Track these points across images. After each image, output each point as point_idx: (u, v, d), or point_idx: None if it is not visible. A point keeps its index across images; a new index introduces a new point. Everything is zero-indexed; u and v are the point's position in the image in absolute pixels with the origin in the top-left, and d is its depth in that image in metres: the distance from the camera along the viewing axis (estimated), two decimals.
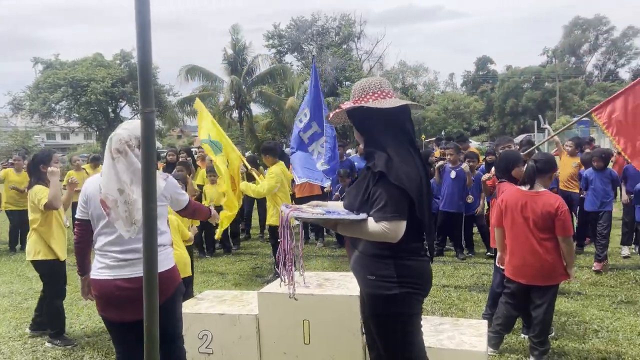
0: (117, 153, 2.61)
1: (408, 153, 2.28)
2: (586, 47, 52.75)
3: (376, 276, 2.28)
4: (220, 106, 29.96)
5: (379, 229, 2.18)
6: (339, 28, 33.01)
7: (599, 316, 4.62)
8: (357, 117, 2.38)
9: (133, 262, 2.64)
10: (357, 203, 2.32)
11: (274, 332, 3.64)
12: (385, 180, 2.19)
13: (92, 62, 31.27)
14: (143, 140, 1.53)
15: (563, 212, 3.58)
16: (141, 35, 1.43)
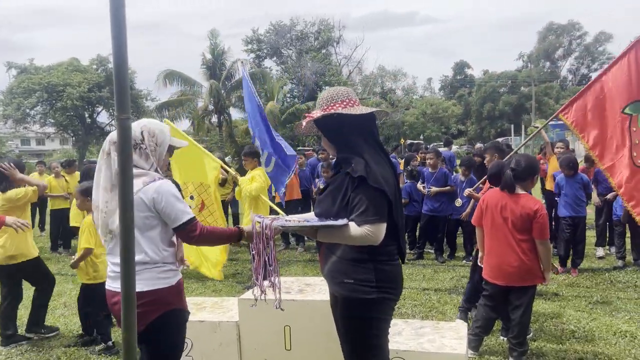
0: (105, 154, 2.47)
1: (380, 157, 2.34)
2: (560, 52, 53.83)
3: (354, 280, 2.31)
4: (199, 111, 29.78)
5: (361, 233, 2.20)
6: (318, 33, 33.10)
7: (575, 317, 4.70)
8: (328, 125, 2.41)
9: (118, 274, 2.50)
10: (335, 209, 2.33)
11: (255, 339, 3.61)
12: (365, 185, 2.21)
13: (68, 66, 30.81)
14: (119, 148, 1.50)
15: (542, 216, 3.62)
16: (117, 40, 1.41)
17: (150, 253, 2.44)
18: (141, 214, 2.42)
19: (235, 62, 31.17)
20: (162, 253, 2.49)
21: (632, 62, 4.66)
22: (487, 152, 5.72)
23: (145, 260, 2.44)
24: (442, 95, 57.05)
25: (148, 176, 2.48)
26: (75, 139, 34.10)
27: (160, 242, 2.49)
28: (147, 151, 2.52)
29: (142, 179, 2.46)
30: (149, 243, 2.45)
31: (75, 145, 34.92)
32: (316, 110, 2.45)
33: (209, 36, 31.39)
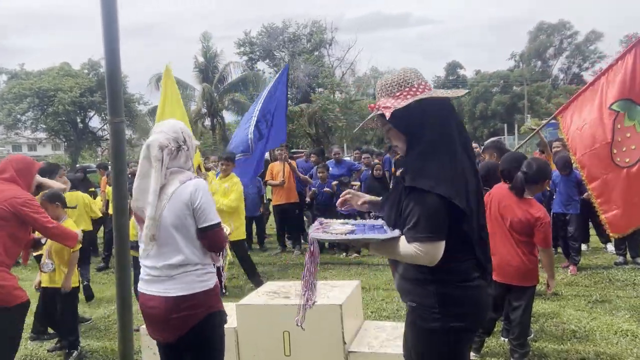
0: (156, 161, 2.36)
1: (456, 155, 1.91)
2: (551, 51, 54.09)
3: (417, 304, 1.97)
4: (192, 114, 29.69)
5: (411, 251, 1.86)
6: (311, 35, 33.06)
7: (576, 316, 4.67)
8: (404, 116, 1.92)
9: (157, 278, 2.42)
10: (393, 218, 2.01)
11: (253, 345, 3.56)
12: (418, 191, 1.85)
13: (59, 71, 30.62)
14: (113, 151, 1.46)
15: (544, 224, 3.55)
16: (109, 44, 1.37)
17: (189, 254, 2.41)
18: (180, 214, 2.38)
19: (227, 64, 31.13)
20: (200, 254, 2.46)
21: (629, 61, 4.66)
22: (486, 151, 5.62)
23: (183, 262, 2.40)
24: None
25: (184, 175, 2.45)
26: (67, 144, 33.87)
27: (198, 241, 2.44)
28: (188, 152, 2.52)
29: (179, 177, 2.43)
30: (186, 243, 2.40)
31: (67, 150, 34.67)
32: (383, 98, 2.00)
33: (201, 39, 31.41)
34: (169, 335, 2.46)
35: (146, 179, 2.38)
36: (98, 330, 5.06)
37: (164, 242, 2.39)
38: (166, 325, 2.42)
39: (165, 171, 2.40)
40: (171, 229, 2.37)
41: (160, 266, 2.39)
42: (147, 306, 2.46)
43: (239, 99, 30.46)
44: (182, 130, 2.50)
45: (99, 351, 4.50)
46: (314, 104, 28.31)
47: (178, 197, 2.37)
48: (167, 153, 2.39)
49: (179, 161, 2.47)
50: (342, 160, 8.74)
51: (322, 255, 8.00)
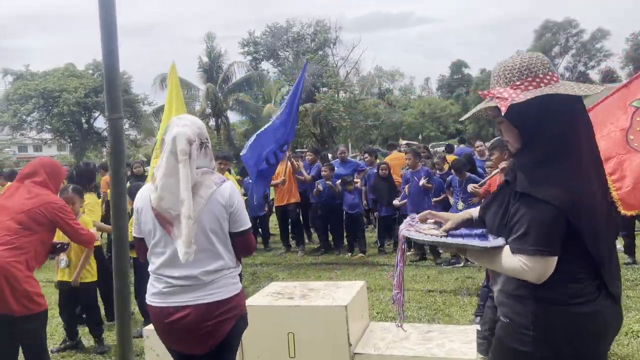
0: (183, 155, 2.18)
1: (580, 162, 1.63)
2: (557, 49, 53.87)
3: (510, 320, 1.70)
4: (196, 114, 29.72)
5: (516, 265, 1.61)
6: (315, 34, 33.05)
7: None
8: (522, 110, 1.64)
9: (188, 287, 2.26)
10: (496, 225, 1.74)
11: (257, 347, 3.50)
12: (530, 198, 1.59)
13: (64, 72, 30.81)
14: (112, 148, 1.41)
15: None
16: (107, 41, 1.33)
17: (227, 259, 2.33)
18: (219, 217, 2.28)
19: (231, 64, 31.16)
20: (234, 257, 2.39)
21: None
22: (495, 150, 5.56)
23: (223, 267, 2.31)
24: (439, 94, 57.08)
25: (215, 175, 2.35)
26: (72, 144, 34.01)
27: (231, 245, 2.37)
28: (211, 150, 2.41)
29: (212, 178, 2.31)
30: (225, 249, 2.33)
31: (72, 150, 34.80)
32: (499, 87, 1.74)
33: (205, 39, 31.44)
34: (199, 347, 2.31)
35: (173, 176, 2.19)
36: None
37: (201, 248, 2.24)
38: (196, 335, 2.27)
39: (194, 169, 2.24)
40: (210, 233, 2.26)
41: (197, 274, 2.24)
42: (173, 319, 2.26)
43: (243, 98, 30.50)
44: (204, 127, 2.40)
45: None
46: (318, 104, 28.28)
47: (216, 200, 2.26)
48: (196, 148, 2.24)
49: (206, 159, 2.33)
50: (348, 160, 8.66)
51: (327, 256, 7.96)
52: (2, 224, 3.21)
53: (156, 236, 2.30)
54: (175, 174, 2.19)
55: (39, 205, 3.27)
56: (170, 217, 2.22)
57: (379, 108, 36.43)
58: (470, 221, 1.91)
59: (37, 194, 3.32)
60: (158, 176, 2.25)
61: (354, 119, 29.62)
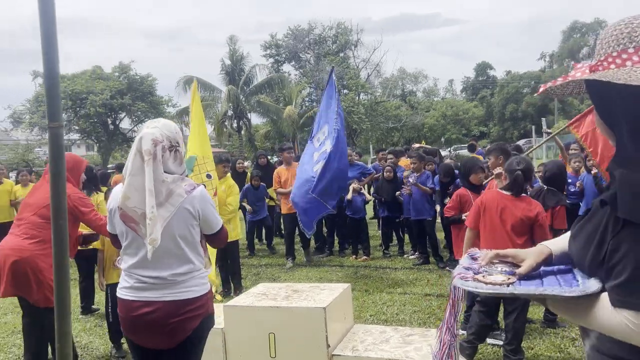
0: (148, 155, 2.24)
1: None
2: (585, 51, 52.70)
3: None
4: (219, 116, 30.11)
5: (617, 323, 1.13)
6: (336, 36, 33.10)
7: (559, 314, 4.53)
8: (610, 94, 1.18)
9: (159, 285, 2.33)
10: (587, 261, 1.25)
11: (240, 346, 3.59)
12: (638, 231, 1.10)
13: (91, 74, 31.52)
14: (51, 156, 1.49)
15: (543, 219, 3.60)
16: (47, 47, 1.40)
17: (196, 262, 2.41)
18: (188, 224, 2.35)
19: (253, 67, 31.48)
20: (203, 259, 2.48)
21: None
22: (492, 154, 5.58)
23: (192, 269, 2.39)
24: (464, 96, 56.47)
25: (185, 182, 2.38)
26: (99, 145, 34.79)
27: (200, 248, 2.46)
28: (182, 155, 2.44)
29: (182, 186, 2.35)
30: (194, 253, 2.41)
31: (99, 151, 35.61)
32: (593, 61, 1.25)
33: (228, 42, 31.83)
34: (164, 342, 2.37)
35: (138, 176, 2.25)
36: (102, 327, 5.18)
37: (170, 253, 2.33)
38: (162, 331, 2.33)
39: (162, 172, 2.29)
40: (179, 239, 2.33)
41: (166, 275, 2.33)
42: (139, 313, 2.34)
43: (265, 100, 30.73)
44: (177, 130, 2.44)
45: (100, 348, 4.60)
46: None
47: (185, 208, 2.33)
48: (161, 149, 2.29)
49: (175, 162, 2.38)
50: (355, 162, 8.63)
51: (331, 258, 8.01)
52: (27, 219, 3.53)
53: (128, 238, 2.38)
54: (141, 174, 2.25)
55: None
56: (136, 215, 2.28)
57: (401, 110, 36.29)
58: (550, 259, 1.42)
59: None
60: (125, 175, 2.32)
61: (375, 121, 29.55)
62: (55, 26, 1.40)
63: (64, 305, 1.47)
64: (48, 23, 1.38)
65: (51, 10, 1.39)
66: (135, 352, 2.53)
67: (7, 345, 4.77)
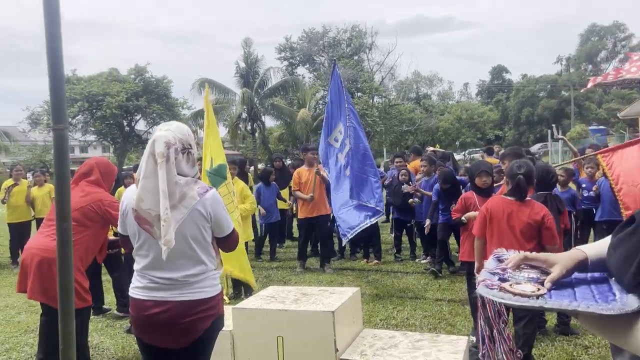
0: (161, 158, 2.27)
1: None
2: (603, 54, 52.10)
3: None
4: (233, 119, 30.26)
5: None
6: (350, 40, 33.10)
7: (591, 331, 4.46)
8: None
9: (171, 285, 2.36)
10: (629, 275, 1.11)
11: (248, 349, 3.58)
12: None
13: (107, 76, 31.87)
14: (56, 158, 1.50)
15: (549, 221, 3.58)
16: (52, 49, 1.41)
17: (208, 263, 2.43)
18: (200, 226, 2.37)
19: (268, 70, 31.60)
20: (215, 260, 2.50)
21: None
22: (506, 158, 5.53)
23: (204, 270, 2.41)
24: (479, 100, 56.10)
25: (198, 185, 2.40)
26: (114, 146, 35.15)
27: (213, 250, 2.49)
28: (194, 157, 2.46)
29: (195, 188, 2.37)
30: (206, 254, 2.43)
31: (115, 152, 35.99)
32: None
33: (243, 45, 31.97)
34: (175, 341, 2.38)
35: (152, 178, 2.27)
36: (112, 327, 5.22)
37: (183, 254, 2.35)
38: (173, 331, 2.35)
39: (175, 174, 2.31)
40: (191, 240, 2.36)
41: (179, 277, 2.35)
42: (151, 312, 2.35)
43: (279, 103, 30.82)
44: (189, 133, 2.46)
45: (110, 348, 4.64)
46: None
47: (197, 210, 2.35)
48: (174, 151, 2.31)
49: (188, 165, 2.39)
50: None
51: (342, 261, 7.99)
52: None
53: (141, 239, 2.40)
54: (154, 176, 2.27)
55: (91, 202, 3.66)
56: (150, 217, 2.30)
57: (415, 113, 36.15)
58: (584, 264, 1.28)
59: (89, 192, 3.71)
60: (139, 178, 2.35)
61: (388, 124, 29.47)
62: (59, 27, 1.40)
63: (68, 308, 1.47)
64: (52, 24, 1.39)
65: (55, 11, 1.39)
66: (145, 352, 2.55)
67: (20, 344, 4.82)
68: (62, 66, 1.44)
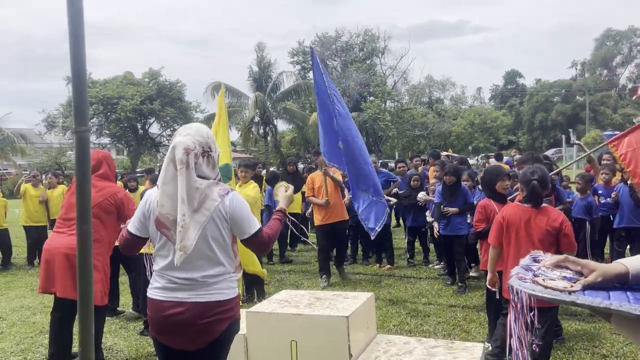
0: (181, 164, 2.28)
1: None
2: (619, 59, 51.55)
3: None
4: (246, 122, 30.38)
5: None
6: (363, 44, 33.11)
7: (610, 340, 4.40)
8: None
9: (190, 286, 2.36)
10: None
11: (262, 353, 3.57)
12: None
13: (122, 80, 32.19)
14: (78, 160, 1.50)
15: (567, 227, 3.51)
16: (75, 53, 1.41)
17: (227, 264, 2.43)
18: (220, 226, 2.37)
19: (280, 74, 31.71)
20: (234, 262, 2.48)
21: None
22: (525, 164, 5.47)
23: (223, 272, 2.41)
24: (492, 105, 55.76)
25: (220, 187, 2.41)
26: (128, 149, 35.46)
27: (231, 251, 2.48)
28: (215, 159, 2.46)
29: (216, 191, 2.38)
30: (225, 255, 2.42)
31: (129, 155, 36.31)
32: None
33: (256, 49, 32.10)
34: (191, 343, 2.38)
35: (172, 184, 2.30)
36: (126, 329, 5.24)
37: (202, 255, 2.36)
38: (190, 332, 2.35)
39: (195, 179, 2.31)
40: (211, 240, 2.36)
41: (198, 277, 2.35)
42: (169, 313, 2.36)
43: (291, 107, 30.89)
44: (209, 135, 2.44)
45: (124, 350, 4.65)
46: (364, 113, 28.26)
47: (219, 210, 2.36)
48: (193, 157, 2.32)
49: (208, 167, 2.40)
50: (380, 170, 8.51)
51: (355, 265, 7.96)
52: None
53: (162, 239, 2.41)
54: (173, 182, 2.30)
55: (107, 196, 3.83)
56: (168, 222, 2.32)
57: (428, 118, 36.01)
58: (625, 277, 1.27)
59: (103, 187, 3.85)
60: (159, 183, 2.37)
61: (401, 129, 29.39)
62: (83, 30, 1.41)
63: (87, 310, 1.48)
64: (76, 26, 1.39)
65: (79, 13, 1.39)
66: (160, 352, 2.54)
67: (35, 344, 4.85)
68: (85, 70, 1.44)
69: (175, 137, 2.41)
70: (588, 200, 6.50)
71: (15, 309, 6.16)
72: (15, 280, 7.98)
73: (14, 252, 9.46)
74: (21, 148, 33.65)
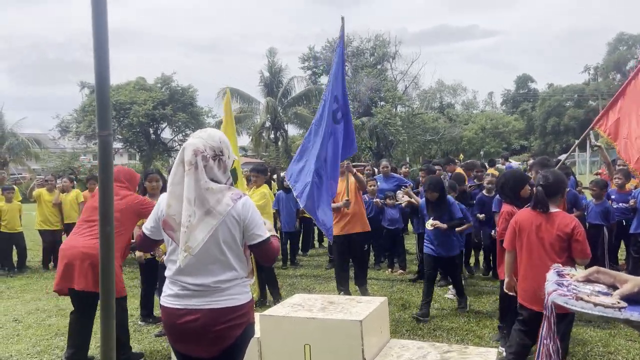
0: (189, 165, 2.29)
1: None
2: (632, 63, 51.02)
3: None
4: (257, 127, 30.51)
5: None
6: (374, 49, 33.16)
7: (625, 347, 4.36)
8: None
9: (203, 292, 2.35)
10: None
11: (275, 356, 3.59)
12: None
13: (135, 85, 32.51)
14: (101, 164, 1.54)
15: (580, 233, 3.44)
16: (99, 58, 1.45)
17: (239, 269, 2.42)
18: (232, 230, 2.37)
19: (291, 79, 31.85)
20: (246, 267, 2.47)
21: None
22: (533, 169, 5.45)
23: (235, 277, 2.40)
24: (504, 109, 55.47)
25: (232, 191, 2.40)
26: (140, 154, 35.75)
27: (244, 256, 2.46)
28: (227, 163, 2.46)
29: (229, 195, 2.37)
30: (237, 260, 2.41)
31: (141, 159, 36.60)
32: None
33: (267, 54, 32.30)
34: (207, 349, 2.38)
35: (179, 185, 2.30)
36: (140, 332, 5.27)
37: (214, 259, 2.35)
38: (205, 338, 2.35)
39: (205, 180, 2.31)
40: (223, 245, 2.35)
41: (210, 282, 2.35)
42: (183, 321, 2.35)
43: (302, 112, 31.00)
44: (221, 140, 2.43)
45: None
46: (375, 118, 28.25)
47: (231, 214, 2.34)
48: (202, 159, 2.32)
49: (219, 171, 2.39)
50: (391, 175, 8.49)
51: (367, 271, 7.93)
52: None
53: (172, 244, 2.42)
54: (181, 183, 2.30)
55: (128, 204, 4.15)
56: (174, 223, 2.33)
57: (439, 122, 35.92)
58: None
59: (124, 195, 4.19)
60: (168, 184, 2.38)
61: (412, 133, 29.34)
62: (107, 35, 1.44)
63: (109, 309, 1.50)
64: (100, 32, 1.42)
65: (103, 18, 1.43)
66: (178, 358, 2.55)
67: (51, 347, 4.90)
68: (108, 74, 1.48)
69: (188, 139, 2.42)
70: (605, 205, 6.44)
71: (31, 312, 6.23)
72: (31, 283, 8.07)
73: (29, 255, 9.58)
74: (35, 153, 34.08)
